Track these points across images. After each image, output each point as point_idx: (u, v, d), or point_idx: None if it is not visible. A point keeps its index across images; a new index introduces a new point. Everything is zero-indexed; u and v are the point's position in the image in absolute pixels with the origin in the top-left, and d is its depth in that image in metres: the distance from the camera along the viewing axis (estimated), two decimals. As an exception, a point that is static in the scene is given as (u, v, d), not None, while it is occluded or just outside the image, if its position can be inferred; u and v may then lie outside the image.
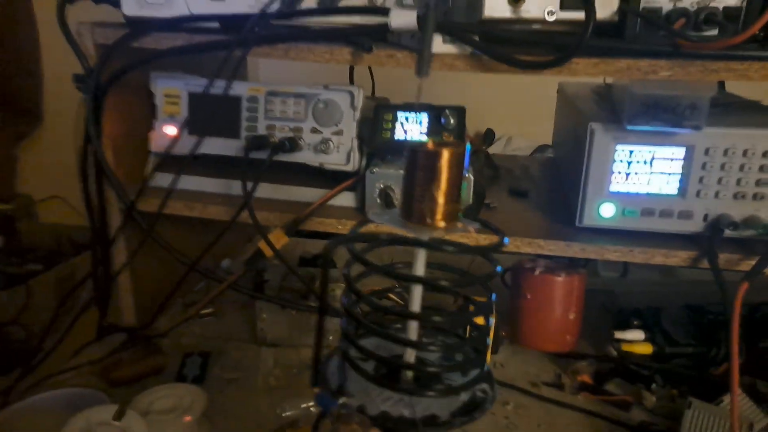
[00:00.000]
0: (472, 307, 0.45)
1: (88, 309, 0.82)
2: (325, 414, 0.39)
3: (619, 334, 0.80)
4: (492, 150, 1.42)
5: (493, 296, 0.42)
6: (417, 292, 0.43)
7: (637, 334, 0.80)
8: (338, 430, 0.36)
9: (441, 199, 0.40)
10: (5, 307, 1.10)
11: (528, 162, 1.08)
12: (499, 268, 0.41)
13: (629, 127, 0.66)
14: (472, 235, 0.39)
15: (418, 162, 0.40)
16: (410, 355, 0.43)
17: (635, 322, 0.82)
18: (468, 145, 0.40)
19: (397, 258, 0.44)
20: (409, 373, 0.44)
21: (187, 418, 0.65)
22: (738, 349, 0.74)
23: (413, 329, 0.43)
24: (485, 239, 0.40)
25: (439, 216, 0.40)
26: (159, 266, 0.85)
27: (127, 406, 0.62)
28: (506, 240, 0.40)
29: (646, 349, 0.78)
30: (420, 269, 0.42)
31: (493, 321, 0.44)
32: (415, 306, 0.43)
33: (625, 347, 0.79)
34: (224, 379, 0.77)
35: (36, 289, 1.15)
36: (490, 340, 0.79)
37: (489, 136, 1.63)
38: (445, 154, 0.39)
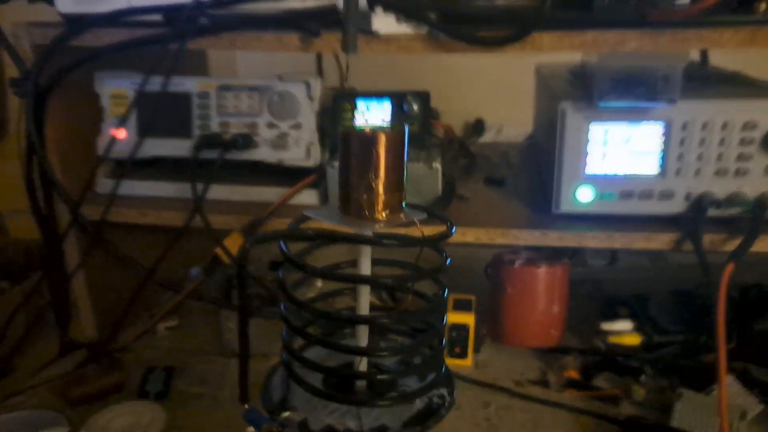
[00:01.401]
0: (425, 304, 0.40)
1: (45, 324, 0.78)
2: (256, 434, 0.35)
3: (605, 326, 0.76)
4: (483, 140, 1.38)
5: (446, 291, 0.38)
6: (364, 293, 0.39)
7: (625, 325, 0.76)
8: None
9: (380, 189, 0.36)
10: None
11: (508, 149, 1.04)
12: (448, 261, 0.37)
13: (601, 104, 0.61)
14: (419, 227, 0.35)
15: (351, 148, 0.36)
16: (361, 363, 0.39)
17: (622, 312, 0.78)
18: (406, 127, 0.36)
19: (352, 255, 0.40)
20: (362, 382, 0.39)
21: (143, 439, 0.61)
22: (727, 334, 0.70)
23: (363, 334, 0.39)
24: (435, 230, 0.37)
25: (379, 207, 0.36)
26: (119, 279, 0.81)
27: (82, 427, 0.58)
28: (453, 229, 0.36)
29: (634, 339, 0.74)
30: (365, 268, 0.38)
31: (446, 320, 0.39)
32: (363, 309, 0.39)
33: (613, 339, 0.75)
34: (189, 394, 0.72)
35: (3, 306, 1.11)
36: (471, 333, 0.75)
37: (479, 126, 1.59)
38: (382, 138, 0.35)
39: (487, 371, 0.76)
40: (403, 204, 0.37)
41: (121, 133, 0.73)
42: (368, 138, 0.35)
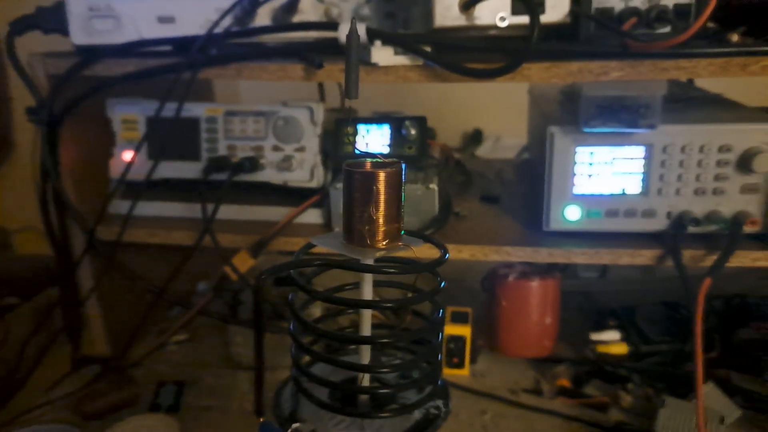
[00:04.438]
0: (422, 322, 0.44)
1: (57, 340, 0.81)
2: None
3: (594, 336, 0.80)
4: (481, 150, 1.41)
5: (441, 312, 0.42)
6: (366, 316, 0.42)
7: (613, 335, 0.79)
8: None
9: (380, 220, 0.39)
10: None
11: (503, 166, 1.08)
12: (443, 284, 0.40)
13: (586, 130, 0.65)
14: (417, 252, 0.39)
15: (354, 183, 0.39)
16: (364, 378, 0.42)
17: (611, 323, 0.81)
18: (404, 165, 0.39)
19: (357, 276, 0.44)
20: (364, 395, 0.43)
21: (157, 450, 0.64)
22: (710, 342, 0.74)
23: (365, 352, 0.43)
24: (434, 251, 0.41)
25: (379, 237, 0.40)
26: (130, 295, 0.84)
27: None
28: (446, 256, 0.40)
29: (622, 349, 0.78)
30: (367, 293, 0.42)
31: (442, 336, 0.43)
32: (365, 330, 0.42)
33: (601, 348, 0.79)
34: (199, 407, 0.75)
35: (13, 322, 1.14)
36: (468, 344, 0.79)
37: (477, 136, 1.62)
38: (381, 175, 0.39)
39: (484, 380, 0.80)
40: (402, 232, 0.41)
41: (130, 156, 0.77)
42: (369, 175, 0.39)
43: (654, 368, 0.74)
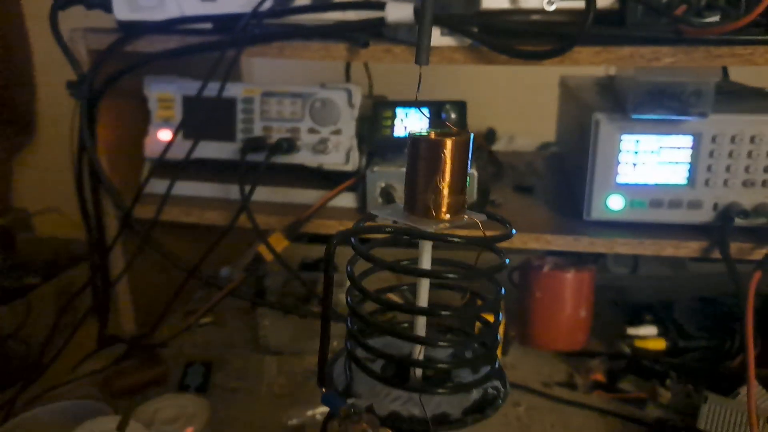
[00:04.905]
0: (480, 302, 0.43)
1: (87, 320, 0.80)
2: (332, 415, 0.37)
3: (631, 330, 0.79)
4: (495, 149, 1.41)
5: (502, 290, 0.41)
6: (424, 286, 0.41)
7: (650, 330, 0.78)
8: (347, 430, 0.35)
9: (445, 191, 0.38)
10: (6, 321, 1.09)
11: (532, 158, 1.06)
12: (507, 260, 0.39)
13: (634, 116, 0.64)
14: (478, 228, 0.38)
15: (419, 153, 0.38)
16: (419, 353, 0.41)
17: (647, 317, 0.80)
18: (471, 135, 0.38)
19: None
20: (419, 372, 0.42)
21: (189, 430, 0.63)
22: (753, 340, 0.72)
23: (421, 326, 0.41)
24: (492, 233, 0.39)
25: (444, 208, 0.39)
26: (158, 275, 0.83)
27: (130, 417, 0.60)
28: (513, 231, 0.39)
29: (659, 344, 0.77)
30: (426, 263, 0.41)
31: (502, 317, 0.42)
32: (423, 301, 0.41)
33: (638, 343, 0.77)
34: (227, 388, 0.75)
35: (35, 303, 1.14)
36: (500, 336, 0.78)
37: (490, 136, 1.62)
38: (448, 144, 0.38)
39: (516, 373, 0.78)
40: (465, 206, 0.40)
41: (168, 135, 0.76)
42: (436, 143, 0.38)
43: (693, 364, 0.73)
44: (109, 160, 0.76)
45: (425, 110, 0.74)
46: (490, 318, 0.42)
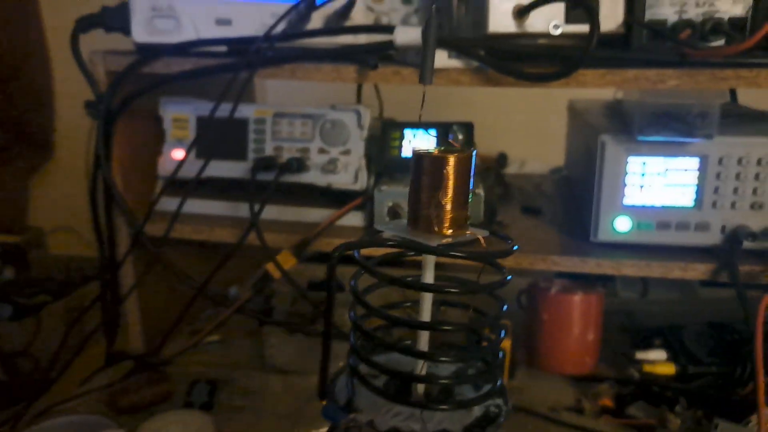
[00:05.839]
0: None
1: (95, 336, 0.81)
2: (333, 428, 0.37)
3: (640, 355, 0.77)
4: (505, 172, 1.42)
5: (505, 306, 0.41)
6: (427, 301, 0.41)
7: (659, 354, 0.77)
8: (346, 442, 0.35)
9: (448, 206, 0.39)
10: (16, 338, 1.10)
11: (540, 180, 1.07)
12: (509, 277, 0.40)
13: (640, 138, 0.65)
14: (482, 243, 0.38)
15: (423, 168, 0.39)
16: (421, 368, 0.41)
17: (656, 342, 0.79)
18: (474, 151, 0.39)
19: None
20: (420, 388, 0.42)
21: (193, 446, 0.63)
22: (763, 365, 0.71)
23: (424, 341, 0.42)
24: (495, 249, 0.40)
25: (446, 223, 0.39)
26: (167, 293, 0.84)
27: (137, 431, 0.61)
28: (515, 247, 0.39)
29: (669, 369, 0.75)
30: (429, 278, 0.41)
31: (505, 334, 0.42)
32: (425, 316, 0.41)
33: (647, 368, 0.76)
34: (232, 407, 0.75)
35: (45, 320, 1.15)
36: (504, 353, 0.77)
37: (502, 160, 1.63)
38: (451, 160, 0.39)
39: (522, 397, 0.77)
40: (468, 222, 0.40)
41: (181, 154, 0.78)
42: (439, 159, 0.39)
43: (703, 391, 0.72)
44: (123, 179, 0.78)
45: (432, 131, 0.75)
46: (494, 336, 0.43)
